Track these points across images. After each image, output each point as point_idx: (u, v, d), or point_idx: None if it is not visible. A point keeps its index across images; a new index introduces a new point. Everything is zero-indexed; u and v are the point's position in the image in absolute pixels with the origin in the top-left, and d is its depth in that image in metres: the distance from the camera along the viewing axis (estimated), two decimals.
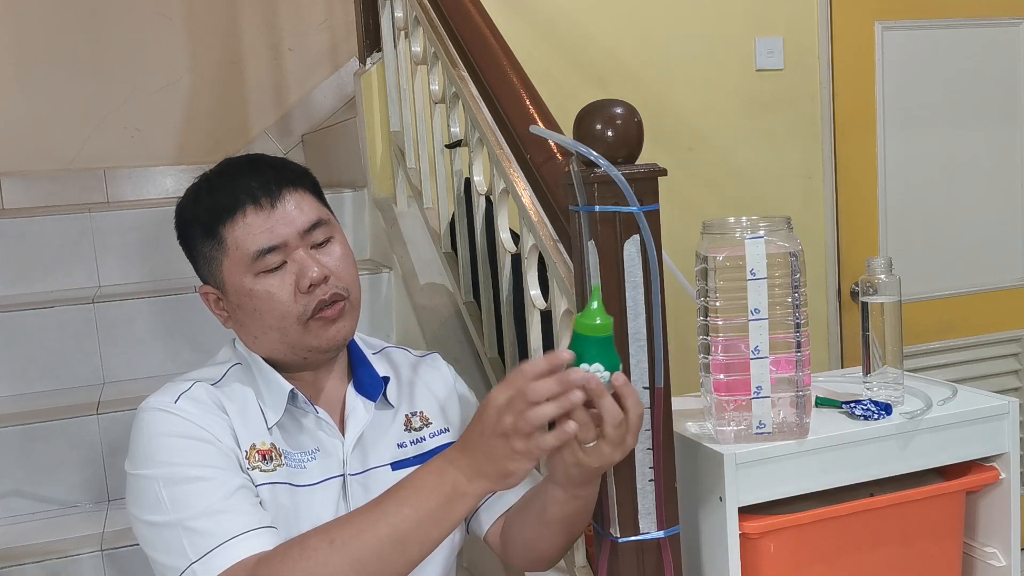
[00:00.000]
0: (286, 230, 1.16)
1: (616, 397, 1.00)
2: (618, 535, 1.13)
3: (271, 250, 1.16)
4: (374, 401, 1.25)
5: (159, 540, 1.07)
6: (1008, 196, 3.15)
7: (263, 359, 1.21)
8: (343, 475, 1.20)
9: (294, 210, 1.17)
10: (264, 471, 1.15)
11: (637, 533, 1.13)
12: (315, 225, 1.19)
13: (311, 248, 1.18)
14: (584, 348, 1.00)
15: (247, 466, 1.14)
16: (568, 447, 1.03)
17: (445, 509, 1.02)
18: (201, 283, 1.23)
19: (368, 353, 1.30)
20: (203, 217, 1.19)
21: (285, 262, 1.16)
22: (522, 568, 1.31)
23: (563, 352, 0.99)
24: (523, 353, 1.73)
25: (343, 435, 1.22)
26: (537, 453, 0.98)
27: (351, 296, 1.20)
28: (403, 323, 2.31)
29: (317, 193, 1.24)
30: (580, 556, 1.49)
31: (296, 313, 1.16)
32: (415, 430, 1.27)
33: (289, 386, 1.19)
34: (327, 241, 1.20)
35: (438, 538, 1.04)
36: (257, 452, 1.15)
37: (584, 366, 0.99)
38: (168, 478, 1.08)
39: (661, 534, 1.14)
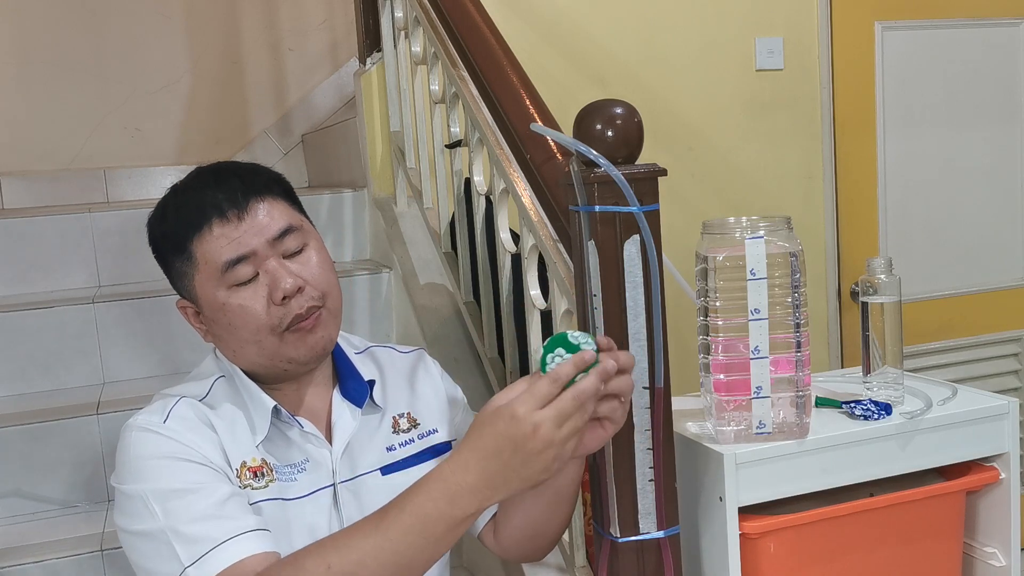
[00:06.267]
0: (254, 240, 1.13)
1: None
2: (618, 535, 1.13)
3: (239, 260, 1.13)
4: (360, 407, 1.23)
5: (148, 548, 1.06)
6: (1008, 196, 3.15)
7: (245, 372, 1.19)
8: (333, 485, 1.19)
9: (264, 218, 1.14)
10: (256, 488, 1.13)
11: (637, 533, 1.13)
12: (285, 232, 1.15)
13: (284, 257, 1.15)
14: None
15: (239, 484, 1.12)
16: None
17: (454, 533, 1.01)
18: (179, 297, 1.21)
19: (351, 353, 1.28)
20: (171, 233, 1.16)
21: (257, 273, 1.14)
22: (518, 557, 1.31)
23: (586, 352, 1.00)
24: (523, 353, 1.73)
25: (330, 443, 1.21)
26: (567, 455, 0.99)
27: (328, 303, 1.17)
28: (403, 323, 2.31)
29: (291, 199, 1.21)
30: (580, 556, 1.49)
31: (271, 325, 1.13)
32: (403, 432, 1.26)
33: (272, 402, 1.17)
34: (302, 249, 1.17)
35: (439, 556, 1.03)
36: (248, 470, 1.14)
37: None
38: (156, 491, 1.07)
39: (661, 534, 1.14)
